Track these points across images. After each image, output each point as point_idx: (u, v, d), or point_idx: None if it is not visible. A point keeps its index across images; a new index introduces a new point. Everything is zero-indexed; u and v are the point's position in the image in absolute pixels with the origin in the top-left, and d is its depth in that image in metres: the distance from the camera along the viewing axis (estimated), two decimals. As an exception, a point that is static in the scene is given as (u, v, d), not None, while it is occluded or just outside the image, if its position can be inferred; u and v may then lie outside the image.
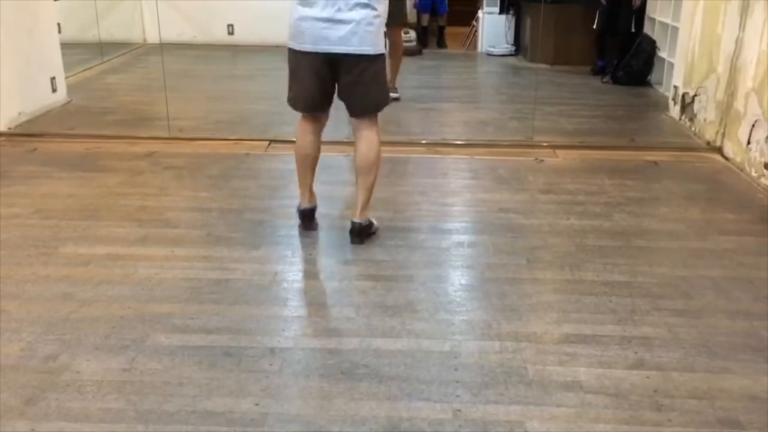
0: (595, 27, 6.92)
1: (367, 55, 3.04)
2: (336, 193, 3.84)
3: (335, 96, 3.20)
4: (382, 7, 3.06)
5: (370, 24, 3.00)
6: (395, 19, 5.77)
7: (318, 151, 3.32)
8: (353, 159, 3.29)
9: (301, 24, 3.04)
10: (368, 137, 3.20)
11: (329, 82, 3.14)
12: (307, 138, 3.28)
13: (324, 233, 3.41)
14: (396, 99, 5.87)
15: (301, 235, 3.40)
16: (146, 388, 2.26)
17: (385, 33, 3.14)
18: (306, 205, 3.37)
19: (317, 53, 3.04)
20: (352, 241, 3.26)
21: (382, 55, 3.13)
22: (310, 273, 3.15)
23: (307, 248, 3.31)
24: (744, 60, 4.34)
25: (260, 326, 2.64)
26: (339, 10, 2.97)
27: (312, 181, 3.35)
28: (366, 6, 2.98)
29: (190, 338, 2.54)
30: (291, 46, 3.12)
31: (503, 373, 2.36)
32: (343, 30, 2.98)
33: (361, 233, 3.26)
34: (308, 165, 3.31)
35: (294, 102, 3.24)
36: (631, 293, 2.88)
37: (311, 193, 3.38)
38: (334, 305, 2.84)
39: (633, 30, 6.80)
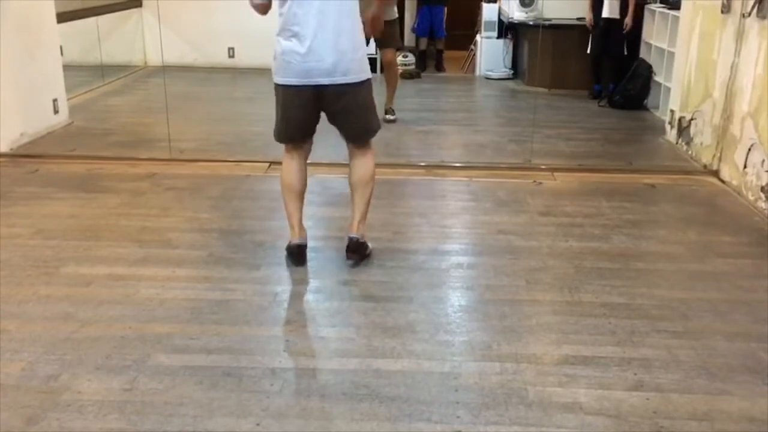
0: (588, 52, 6.99)
1: (353, 83, 3.07)
2: (333, 214, 3.86)
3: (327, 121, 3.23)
4: (360, 34, 3.09)
5: (354, 52, 3.05)
6: (390, 42, 5.85)
7: (305, 183, 3.29)
8: (348, 175, 3.31)
9: (285, 58, 3.06)
10: (363, 159, 3.25)
11: (315, 112, 3.16)
12: (293, 171, 3.25)
13: (323, 254, 3.42)
14: (392, 121, 5.94)
15: (301, 256, 3.41)
16: (147, 408, 2.27)
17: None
18: (296, 240, 3.31)
19: (303, 86, 3.05)
20: (348, 257, 3.26)
21: (368, 80, 3.15)
22: (310, 293, 3.16)
23: (307, 269, 3.31)
24: (739, 85, 4.40)
25: (261, 346, 2.65)
26: (320, 42, 2.99)
27: (301, 214, 3.31)
28: (346, 36, 3.01)
29: (191, 358, 2.55)
30: (277, 81, 3.13)
31: (503, 394, 2.36)
32: (327, 62, 3.00)
33: (358, 249, 3.27)
34: (296, 199, 3.27)
35: (279, 135, 3.24)
36: (630, 315, 2.89)
37: (301, 227, 3.33)
38: (335, 326, 2.85)
39: (626, 53, 6.88)
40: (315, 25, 2.98)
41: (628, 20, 6.66)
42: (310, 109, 3.13)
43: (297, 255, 3.31)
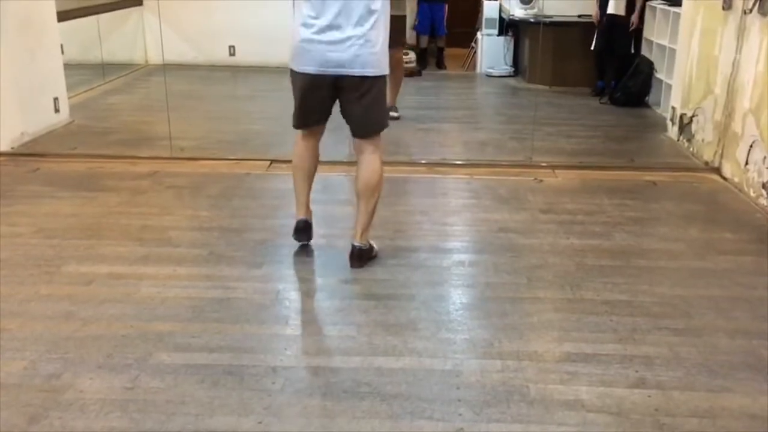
0: (592, 48, 6.98)
1: (370, 77, 3.07)
2: (336, 212, 3.86)
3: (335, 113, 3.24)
4: (385, 29, 3.08)
5: (373, 46, 3.03)
6: (396, 40, 5.84)
7: (316, 163, 3.34)
8: (355, 181, 3.30)
9: (303, 46, 3.05)
10: (370, 161, 3.21)
11: (330, 100, 3.18)
12: (306, 151, 3.31)
13: (325, 252, 3.42)
14: (396, 118, 5.93)
15: (302, 254, 3.41)
16: (149, 406, 2.27)
17: None
18: (301, 216, 3.38)
19: (320, 75, 3.06)
20: (352, 265, 3.25)
21: (384, 76, 3.15)
22: (312, 292, 3.17)
23: (309, 267, 3.32)
24: (741, 81, 4.39)
25: (262, 345, 2.65)
26: (341, 32, 2.99)
27: (309, 194, 3.37)
28: (369, 28, 3.00)
29: (193, 357, 2.55)
30: (293, 68, 3.14)
31: (505, 391, 2.36)
32: (346, 53, 3.00)
33: (361, 257, 3.26)
34: (306, 176, 3.33)
35: (298, 122, 3.26)
36: (632, 312, 2.89)
37: (307, 207, 3.39)
38: (336, 324, 2.85)
39: (632, 51, 6.86)
40: (339, 15, 2.97)
41: (634, 18, 6.65)
42: (325, 97, 3.14)
43: (303, 231, 3.36)
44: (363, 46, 3.00)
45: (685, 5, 5.41)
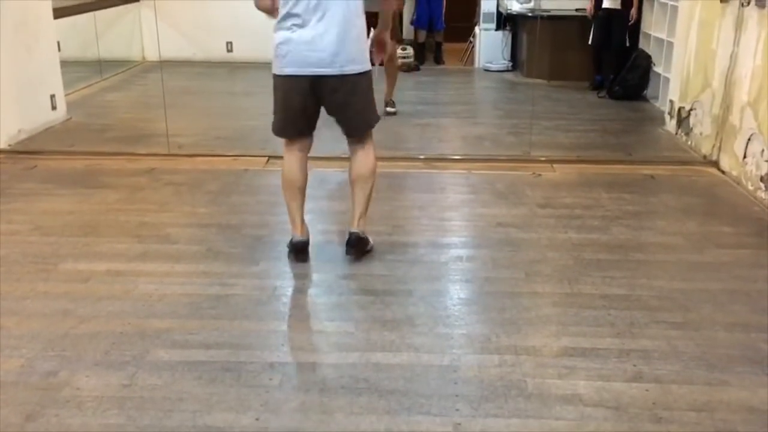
0: (590, 42, 6.96)
1: (352, 74, 3.03)
2: (332, 208, 3.86)
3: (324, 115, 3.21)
4: (361, 24, 3.04)
5: (354, 43, 3.00)
6: (390, 34, 5.81)
7: (306, 178, 3.25)
8: (348, 171, 3.28)
9: (282, 48, 3.02)
10: (364, 153, 3.21)
11: (313, 105, 3.11)
12: (294, 167, 3.21)
13: (322, 248, 3.41)
14: (393, 113, 5.92)
15: (300, 250, 3.40)
16: (146, 403, 2.27)
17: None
18: (299, 237, 3.27)
19: (301, 76, 3.02)
20: (348, 252, 3.23)
21: (368, 72, 3.11)
22: (309, 288, 3.16)
23: (306, 263, 3.31)
24: (738, 75, 4.38)
25: (260, 341, 2.65)
26: (319, 31, 2.95)
27: (303, 210, 3.28)
28: (345, 25, 2.97)
29: (190, 353, 2.54)
30: (275, 72, 3.09)
31: (503, 386, 2.36)
32: (325, 51, 2.96)
33: (359, 244, 3.24)
34: (298, 194, 3.24)
35: (279, 129, 3.20)
36: (630, 306, 2.88)
37: (303, 224, 3.29)
38: (334, 320, 2.85)
39: (628, 44, 6.85)
40: (316, 15, 2.95)
41: (633, 12, 6.64)
42: (308, 101, 3.08)
43: (299, 252, 3.29)
44: (341, 43, 2.96)
45: (682, -2, 5.40)
